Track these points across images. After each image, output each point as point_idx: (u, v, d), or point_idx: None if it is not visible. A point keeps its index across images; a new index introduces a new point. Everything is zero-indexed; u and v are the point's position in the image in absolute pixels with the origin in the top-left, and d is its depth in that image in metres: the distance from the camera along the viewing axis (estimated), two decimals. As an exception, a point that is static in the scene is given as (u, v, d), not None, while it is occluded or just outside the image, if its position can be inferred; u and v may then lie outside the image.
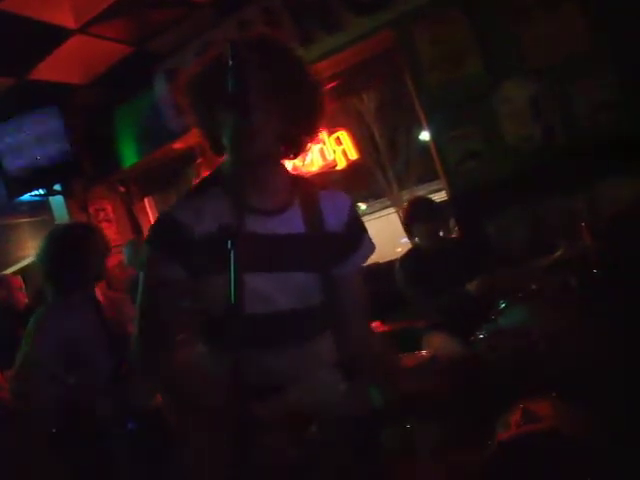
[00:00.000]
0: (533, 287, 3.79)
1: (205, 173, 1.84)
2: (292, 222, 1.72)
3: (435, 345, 4.00)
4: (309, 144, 1.77)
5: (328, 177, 7.04)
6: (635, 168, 3.91)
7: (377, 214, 18.78)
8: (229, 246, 1.27)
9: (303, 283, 1.71)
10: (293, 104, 1.64)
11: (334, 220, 1.79)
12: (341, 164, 6.74)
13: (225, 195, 1.65)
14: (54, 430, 3.23)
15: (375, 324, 3.81)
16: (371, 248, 1.90)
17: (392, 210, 18.22)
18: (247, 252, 1.33)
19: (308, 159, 6.52)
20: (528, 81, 4.59)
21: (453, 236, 4.97)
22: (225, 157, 1.75)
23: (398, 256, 4.75)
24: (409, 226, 4.47)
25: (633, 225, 3.81)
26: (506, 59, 4.64)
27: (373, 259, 2.17)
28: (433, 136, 5.07)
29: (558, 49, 4.43)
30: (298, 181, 1.82)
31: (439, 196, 6.69)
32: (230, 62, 1.47)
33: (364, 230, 1.91)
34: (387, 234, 14.09)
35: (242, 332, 1.21)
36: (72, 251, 3.29)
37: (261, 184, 1.67)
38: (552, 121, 4.57)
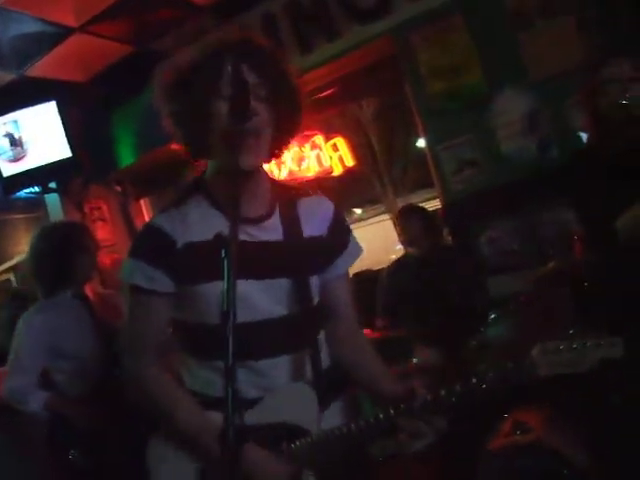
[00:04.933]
0: (523, 298, 3.80)
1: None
2: (274, 230, 1.71)
3: (424, 356, 4.01)
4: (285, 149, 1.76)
5: (324, 183, 7.06)
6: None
7: (372, 220, 18.78)
8: (223, 255, 1.27)
9: (287, 290, 1.70)
10: (281, 108, 1.62)
11: (316, 225, 1.79)
12: (337, 170, 6.76)
13: (209, 203, 1.64)
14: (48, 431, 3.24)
15: (365, 331, 3.80)
16: (358, 250, 1.89)
17: (387, 217, 18.20)
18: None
19: (304, 165, 6.54)
20: (526, 93, 4.61)
21: (446, 244, 4.99)
22: (209, 162, 1.73)
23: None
24: (402, 232, 4.50)
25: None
26: (505, 70, 4.65)
27: (366, 266, 2.18)
28: (429, 144, 5.08)
29: (558, 62, 4.43)
30: (277, 188, 1.80)
31: (434, 204, 6.72)
32: (230, 64, 1.47)
33: (349, 233, 1.90)
34: (381, 240, 14.13)
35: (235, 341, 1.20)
36: (60, 250, 3.29)
37: (246, 192, 1.63)
38: (548, 134, 4.59)
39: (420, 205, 4.85)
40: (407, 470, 3.30)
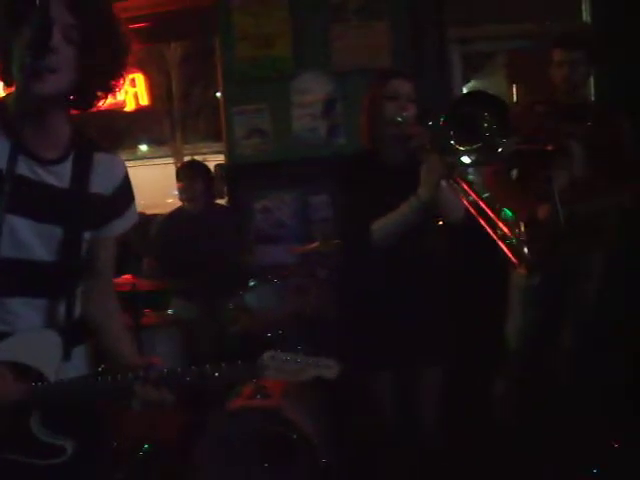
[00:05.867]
0: (283, 272, 4.02)
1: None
2: (61, 176, 1.68)
3: (179, 309, 4.12)
4: (100, 101, 1.70)
5: (112, 115, 6.85)
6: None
7: (156, 161, 18.38)
8: None
9: (59, 238, 1.68)
10: (95, 57, 1.58)
11: (104, 183, 1.77)
12: (130, 106, 6.59)
13: (2, 132, 1.60)
14: None
15: (126, 277, 3.78)
16: (134, 218, 1.91)
17: (171, 160, 17.95)
18: (11, 194, 1.32)
19: (97, 93, 6.29)
20: (328, 80, 4.84)
21: (221, 202, 5.10)
22: (13, 90, 1.68)
23: (166, 209, 4.81)
24: (177, 184, 4.53)
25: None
26: (314, 54, 4.86)
27: (141, 207, 2.20)
28: (226, 104, 5.14)
29: (362, 58, 4.71)
30: (78, 136, 1.75)
31: (220, 159, 6.76)
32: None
33: (132, 200, 1.91)
34: (161, 183, 13.90)
35: None
36: None
37: (42, 129, 1.60)
38: (338, 121, 4.86)
39: (204, 163, 4.86)
40: (151, 415, 3.41)
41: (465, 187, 2.39)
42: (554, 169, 3.22)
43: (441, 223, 2.69)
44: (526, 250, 2.30)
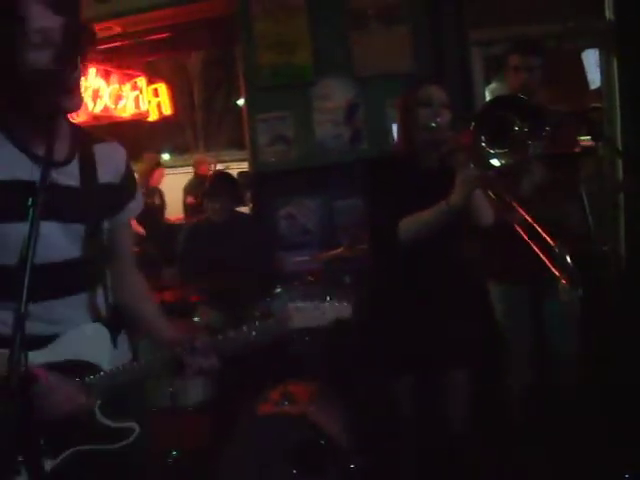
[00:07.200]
0: (310, 278, 4.02)
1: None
2: (72, 175, 1.72)
3: (205, 317, 4.12)
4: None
5: (137, 124, 6.92)
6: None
7: (179, 170, 18.47)
8: (30, 203, 1.26)
9: (81, 233, 1.73)
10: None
11: (110, 171, 1.82)
12: (153, 116, 6.67)
13: (8, 141, 1.60)
14: None
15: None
16: (141, 204, 1.98)
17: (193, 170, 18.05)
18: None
19: (121, 104, 6.36)
20: (350, 85, 4.85)
21: (246, 210, 5.12)
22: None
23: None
24: (203, 199, 4.56)
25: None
26: (334, 60, 4.86)
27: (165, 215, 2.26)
28: (249, 111, 5.16)
29: (383, 63, 4.72)
30: (78, 131, 1.80)
31: (243, 166, 6.79)
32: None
33: (136, 184, 1.99)
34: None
35: (33, 283, 1.22)
36: None
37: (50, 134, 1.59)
38: (362, 127, 4.87)
39: (230, 175, 4.88)
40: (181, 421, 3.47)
41: (514, 204, 2.41)
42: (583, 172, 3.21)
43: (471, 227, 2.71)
44: (569, 260, 2.27)
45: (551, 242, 2.28)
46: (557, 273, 2.25)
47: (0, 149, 1.60)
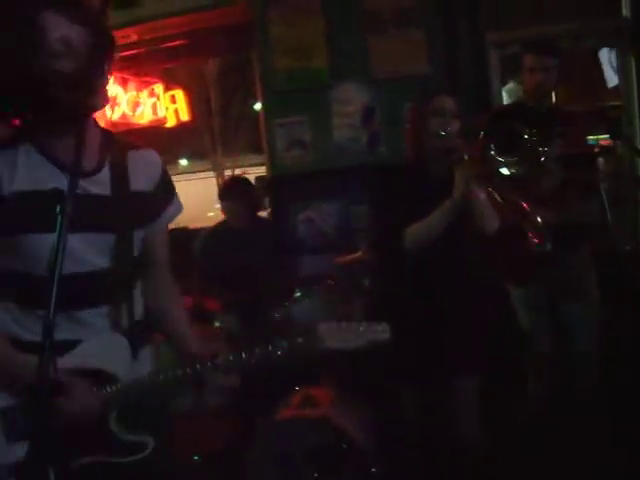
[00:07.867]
0: (330, 281, 4.03)
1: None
2: (103, 184, 1.71)
3: (225, 322, 4.15)
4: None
5: (154, 130, 6.96)
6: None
7: (197, 175, 18.58)
8: (58, 211, 1.28)
9: (112, 244, 1.72)
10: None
11: (143, 180, 1.81)
12: (171, 122, 6.71)
13: (37, 151, 1.62)
14: None
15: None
16: (179, 208, 1.95)
17: (212, 174, 18.14)
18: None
19: (139, 111, 6.41)
20: (366, 88, 4.85)
21: (262, 217, 5.13)
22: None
23: (208, 223, 4.84)
24: (221, 202, 4.58)
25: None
26: (350, 63, 4.86)
27: (183, 222, 2.24)
28: (266, 116, 5.19)
29: (399, 66, 4.73)
30: (109, 138, 1.79)
31: (261, 170, 6.83)
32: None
33: (174, 190, 1.95)
34: (202, 197, 14.04)
35: (60, 292, 1.22)
36: None
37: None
38: (379, 130, 4.87)
39: (248, 180, 4.90)
40: (201, 425, 3.47)
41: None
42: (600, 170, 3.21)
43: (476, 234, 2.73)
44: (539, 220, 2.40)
45: (525, 206, 2.41)
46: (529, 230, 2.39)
47: (28, 160, 1.61)
